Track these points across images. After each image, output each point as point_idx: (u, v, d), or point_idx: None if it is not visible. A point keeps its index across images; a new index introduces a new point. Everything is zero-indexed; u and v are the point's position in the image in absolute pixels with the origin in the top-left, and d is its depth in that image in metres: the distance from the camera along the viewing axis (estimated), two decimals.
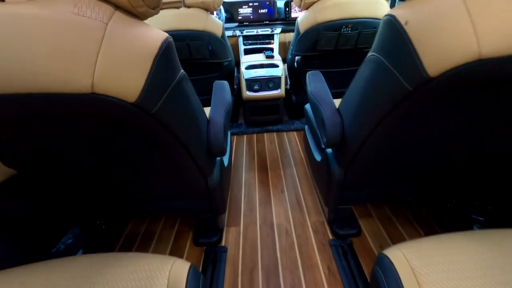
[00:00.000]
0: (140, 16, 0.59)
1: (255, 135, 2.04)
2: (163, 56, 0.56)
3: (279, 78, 1.78)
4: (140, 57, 0.53)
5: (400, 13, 0.57)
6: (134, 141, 0.68)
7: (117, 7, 0.54)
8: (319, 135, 1.15)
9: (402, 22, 0.55)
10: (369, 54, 0.69)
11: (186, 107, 0.72)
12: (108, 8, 0.52)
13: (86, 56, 0.47)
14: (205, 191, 0.99)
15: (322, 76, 1.16)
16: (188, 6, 1.59)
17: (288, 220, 1.24)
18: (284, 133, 2.04)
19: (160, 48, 0.55)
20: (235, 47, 2.63)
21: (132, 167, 0.81)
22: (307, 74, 1.17)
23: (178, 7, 1.59)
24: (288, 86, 2.13)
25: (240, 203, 1.36)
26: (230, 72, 1.95)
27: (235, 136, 2.04)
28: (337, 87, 1.94)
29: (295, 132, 2.04)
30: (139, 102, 0.55)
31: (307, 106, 1.45)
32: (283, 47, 2.72)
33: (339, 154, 0.95)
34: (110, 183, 0.87)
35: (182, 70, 0.69)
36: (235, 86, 2.12)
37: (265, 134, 2.03)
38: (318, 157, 1.18)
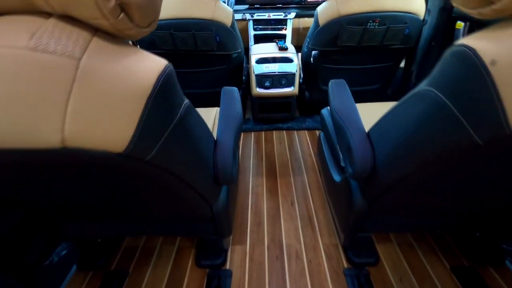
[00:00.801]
0: (130, 38, 0.45)
1: (263, 132, 1.90)
2: (160, 93, 0.43)
3: (293, 74, 1.62)
4: (128, 99, 0.40)
5: (483, 47, 0.42)
6: (128, 181, 0.57)
7: (96, 29, 0.40)
8: (340, 155, 1.02)
9: (487, 60, 0.41)
10: (424, 87, 0.55)
11: (190, 145, 0.59)
12: (82, 35, 0.38)
13: (50, 107, 0.35)
14: (210, 216, 0.89)
15: (347, 87, 1.01)
16: None
17: (298, 240, 1.14)
18: (295, 132, 1.90)
19: (156, 84, 0.42)
20: (244, 32, 2.43)
21: (127, 197, 0.70)
22: (330, 83, 1.02)
23: None
24: (301, 80, 1.96)
25: (247, 215, 1.27)
26: (239, 64, 1.78)
27: (242, 133, 1.91)
28: (357, 84, 1.77)
29: (306, 132, 1.90)
30: (129, 152, 0.42)
31: (325, 112, 1.31)
32: (296, 33, 2.52)
33: (365, 185, 0.83)
34: (104, 207, 0.77)
35: (186, 101, 0.56)
36: (243, 78, 1.97)
37: (274, 132, 1.90)
38: (336, 177, 1.06)
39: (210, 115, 1.26)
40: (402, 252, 1.07)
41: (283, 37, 2.36)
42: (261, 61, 1.65)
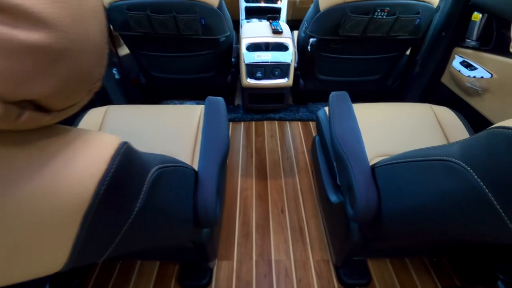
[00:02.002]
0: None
1: (253, 123, 1.78)
2: (107, 197, 0.31)
3: (288, 65, 1.45)
4: (53, 225, 0.28)
5: None
6: None
7: None
8: (337, 173, 0.92)
9: None
10: (455, 159, 0.44)
11: (162, 219, 0.48)
12: None
13: None
14: (193, 247, 0.80)
15: (349, 102, 0.89)
16: None
17: (288, 255, 1.09)
18: (287, 124, 1.78)
19: (97, 192, 0.30)
20: (235, 4, 2.18)
21: None
22: (331, 96, 0.89)
23: None
24: (296, 65, 1.79)
25: (235, 224, 1.19)
26: (228, 47, 1.59)
27: (230, 123, 1.78)
28: (357, 75, 1.63)
29: (299, 123, 1.78)
30: (68, 267, 0.31)
31: (321, 114, 1.18)
32: (292, 7, 2.29)
33: (365, 225, 0.75)
34: None
35: (152, 171, 0.43)
36: (233, 59, 1.78)
37: (265, 123, 1.78)
38: (332, 197, 0.97)
39: (194, 113, 1.12)
40: (394, 271, 1.03)
41: (278, 11, 2.13)
42: (252, 47, 1.47)
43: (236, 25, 2.17)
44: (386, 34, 1.29)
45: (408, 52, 1.63)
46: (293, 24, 2.43)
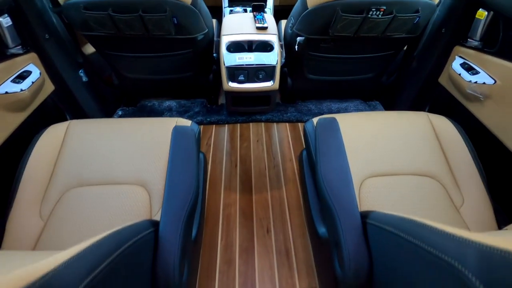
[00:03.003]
0: None
1: (238, 125, 1.66)
2: None
3: (273, 67, 1.31)
4: None
5: None
6: None
7: None
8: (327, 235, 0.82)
9: None
10: (465, 273, 0.34)
11: None
12: None
13: None
14: None
15: (339, 133, 0.77)
16: None
17: (273, 283, 1.02)
18: (274, 126, 1.67)
19: None
20: None
21: None
22: (317, 124, 0.78)
23: None
24: (283, 60, 1.64)
25: (216, 249, 1.11)
26: (208, 44, 1.44)
27: (214, 126, 1.65)
28: (349, 74, 1.50)
29: (287, 125, 1.67)
30: None
31: (309, 127, 1.07)
32: None
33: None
34: None
35: None
36: (214, 55, 1.63)
37: (251, 125, 1.66)
38: (320, 229, 0.89)
39: (167, 129, 0.99)
40: None
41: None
42: (233, 46, 1.32)
43: (220, 13, 1.98)
44: (381, 34, 1.16)
45: (404, 47, 1.51)
46: (282, 10, 2.24)
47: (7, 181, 0.88)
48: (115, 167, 0.89)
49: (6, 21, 1.07)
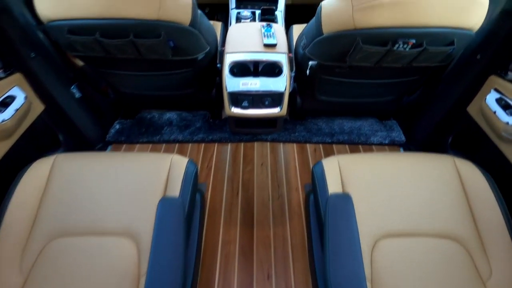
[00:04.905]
0: None
1: (242, 145, 1.55)
2: None
3: (281, 94, 1.18)
4: None
5: None
6: None
7: None
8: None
9: None
10: None
11: None
12: None
13: None
14: None
15: (352, 219, 0.66)
16: None
17: None
18: (281, 146, 1.55)
19: None
20: None
21: None
22: (327, 206, 0.67)
23: None
24: (292, 73, 1.50)
25: None
26: (210, 62, 1.30)
27: (216, 145, 1.55)
28: (366, 96, 1.36)
29: (295, 146, 1.55)
30: None
31: (317, 171, 0.95)
32: None
33: None
34: None
35: None
36: (218, 65, 1.49)
37: (255, 145, 1.55)
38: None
39: (161, 167, 0.91)
40: None
41: (273, 11, 1.76)
42: (237, 67, 1.18)
43: (226, 12, 1.82)
44: (407, 64, 1.00)
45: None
46: (295, 9, 2.05)
47: None
48: (102, 214, 0.82)
49: None
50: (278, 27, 1.34)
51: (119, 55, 1.04)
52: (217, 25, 1.75)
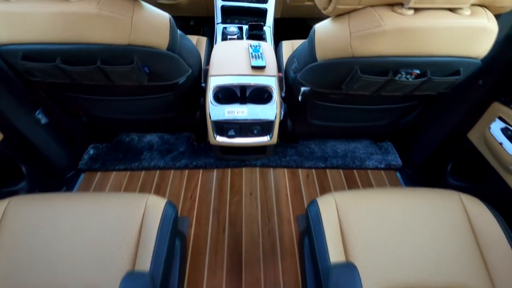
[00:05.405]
0: None
1: (229, 171, 1.43)
2: None
3: (271, 122, 1.07)
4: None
5: None
6: None
7: None
8: None
9: None
10: None
11: None
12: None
13: None
14: None
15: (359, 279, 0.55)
16: None
17: None
18: (271, 171, 1.44)
19: None
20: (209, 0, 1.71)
21: None
22: (330, 278, 0.56)
23: None
24: (283, 94, 1.39)
25: None
26: (193, 84, 1.19)
27: (200, 172, 1.42)
28: (361, 121, 1.27)
29: (286, 171, 1.44)
30: None
31: (312, 212, 0.84)
32: (282, 5, 1.82)
33: None
34: None
35: None
36: (203, 84, 1.38)
37: (244, 171, 1.43)
38: None
39: (134, 212, 0.80)
40: None
41: (263, 13, 1.68)
42: (222, 92, 1.07)
43: (212, 26, 1.71)
44: (409, 93, 0.92)
45: None
46: (282, 25, 1.97)
47: None
48: (61, 276, 0.69)
49: None
50: (267, 47, 1.24)
51: (86, 82, 0.91)
52: (202, 41, 1.64)
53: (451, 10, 0.72)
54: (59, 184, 1.35)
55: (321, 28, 0.84)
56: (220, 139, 1.11)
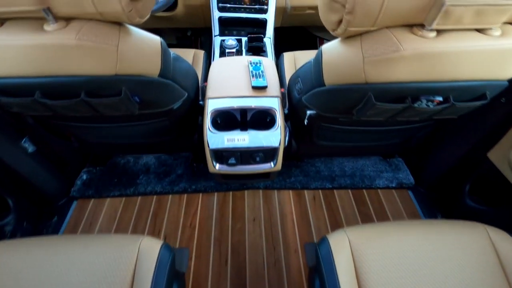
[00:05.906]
0: None
1: (230, 195, 1.34)
2: None
3: (275, 149, 0.98)
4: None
5: None
6: None
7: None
8: None
9: None
10: None
11: None
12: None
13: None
14: None
15: None
16: (67, 18, 0.66)
17: None
18: (275, 193, 1.35)
19: None
20: (207, 11, 1.63)
21: None
22: None
23: (41, 24, 0.65)
24: (286, 110, 1.31)
25: None
26: (190, 106, 1.10)
27: (200, 196, 1.34)
28: (370, 141, 1.18)
29: (291, 192, 1.36)
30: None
31: (323, 252, 0.76)
32: (282, 14, 1.74)
33: None
34: None
35: None
36: (200, 102, 1.29)
37: (246, 194, 1.34)
38: None
39: (125, 256, 0.72)
40: None
41: (262, 24, 1.60)
42: (221, 117, 0.98)
43: (210, 38, 1.63)
44: (427, 118, 0.83)
45: None
46: (283, 34, 1.88)
47: None
48: None
49: None
50: (268, 63, 1.15)
51: (72, 114, 0.83)
52: (200, 55, 1.56)
53: (479, 30, 0.63)
54: (50, 213, 1.27)
55: (329, 50, 0.76)
56: (220, 167, 1.02)
